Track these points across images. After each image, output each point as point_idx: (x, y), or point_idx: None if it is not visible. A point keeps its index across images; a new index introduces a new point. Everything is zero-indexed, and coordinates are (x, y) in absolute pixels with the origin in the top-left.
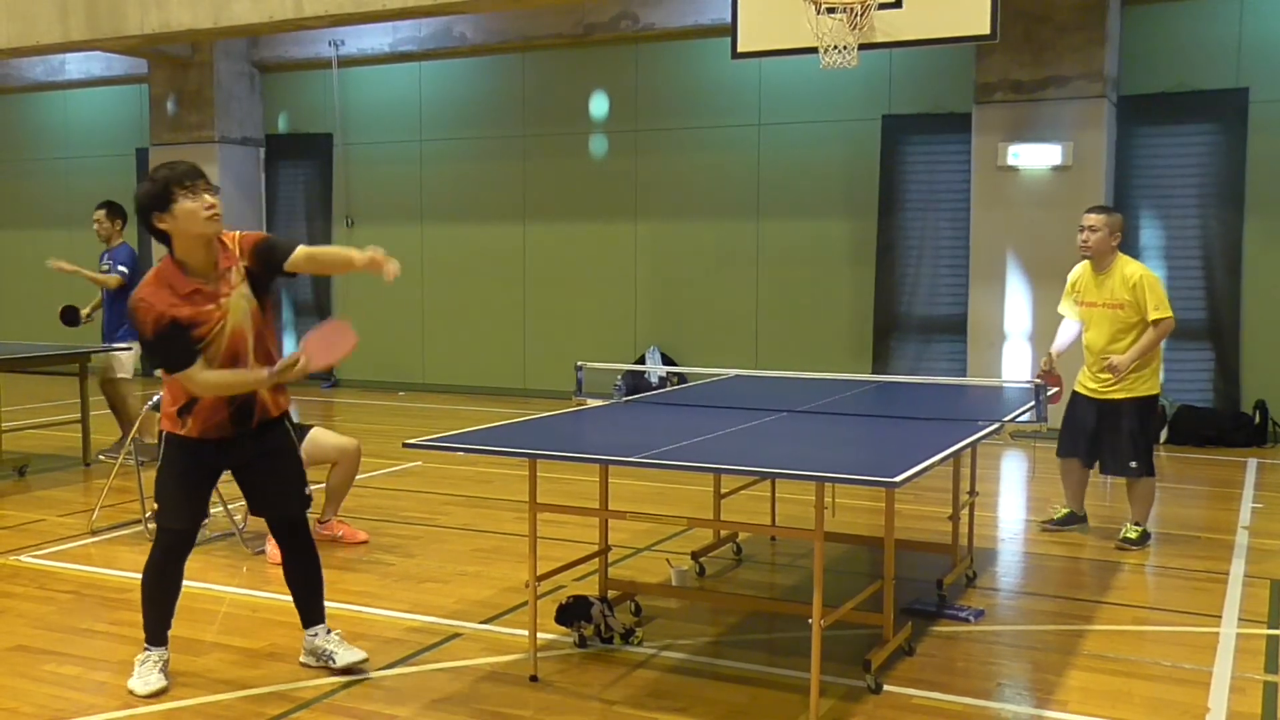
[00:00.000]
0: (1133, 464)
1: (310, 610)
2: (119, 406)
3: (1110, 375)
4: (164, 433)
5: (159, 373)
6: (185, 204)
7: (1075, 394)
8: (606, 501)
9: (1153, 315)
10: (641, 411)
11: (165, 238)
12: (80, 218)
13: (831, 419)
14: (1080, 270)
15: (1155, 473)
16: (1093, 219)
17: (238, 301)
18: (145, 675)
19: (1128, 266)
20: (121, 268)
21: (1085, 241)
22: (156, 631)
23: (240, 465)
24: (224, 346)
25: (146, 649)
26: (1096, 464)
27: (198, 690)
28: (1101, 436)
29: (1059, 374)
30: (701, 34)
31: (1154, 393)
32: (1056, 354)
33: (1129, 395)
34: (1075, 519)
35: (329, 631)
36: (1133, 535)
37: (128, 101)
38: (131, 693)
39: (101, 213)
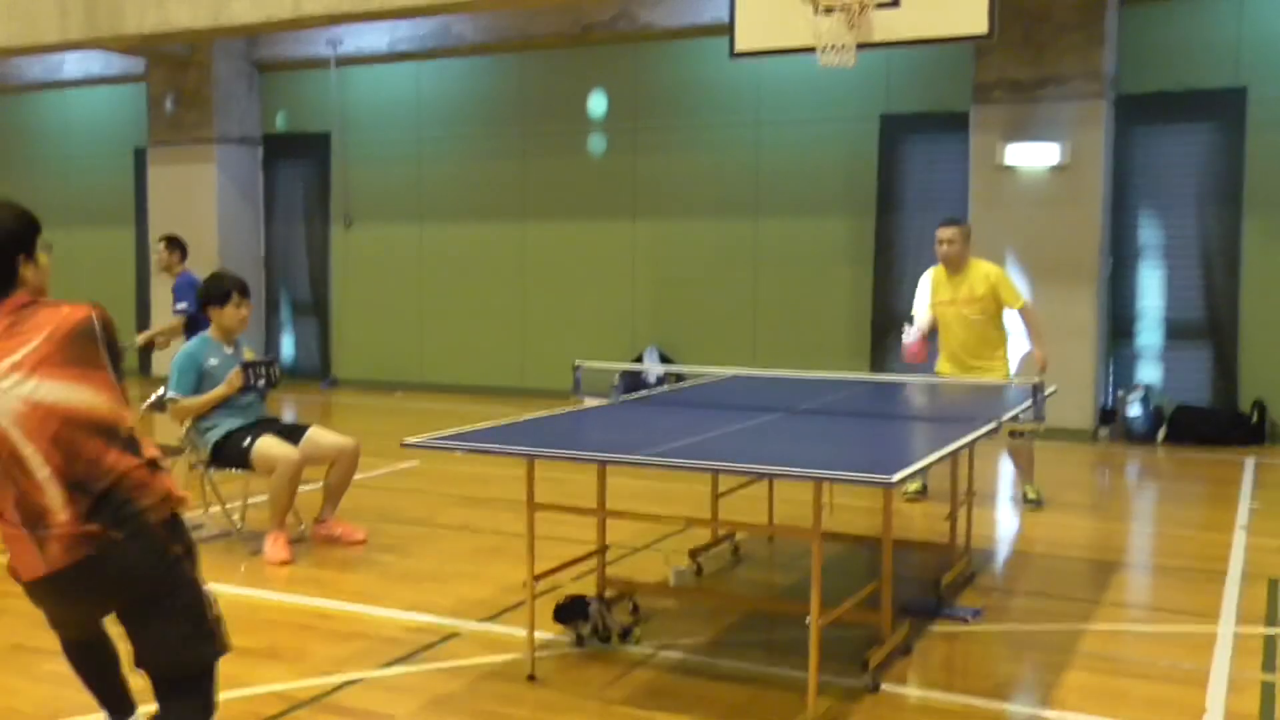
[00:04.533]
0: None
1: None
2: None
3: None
4: (181, 522)
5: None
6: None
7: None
8: (604, 501)
9: (1017, 304)
10: (639, 411)
11: (12, 284)
12: (79, 217)
13: (829, 418)
14: (934, 275)
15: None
16: (950, 233)
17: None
18: None
19: (983, 266)
20: (182, 304)
21: (946, 254)
22: None
23: None
24: None
25: None
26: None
27: None
28: None
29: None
30: (700, 33)
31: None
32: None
33: (992, 376)
34: (923, 492)
35: None
36: (1035, 495)
37: (126, 101)
38: None
39: (161, 245)
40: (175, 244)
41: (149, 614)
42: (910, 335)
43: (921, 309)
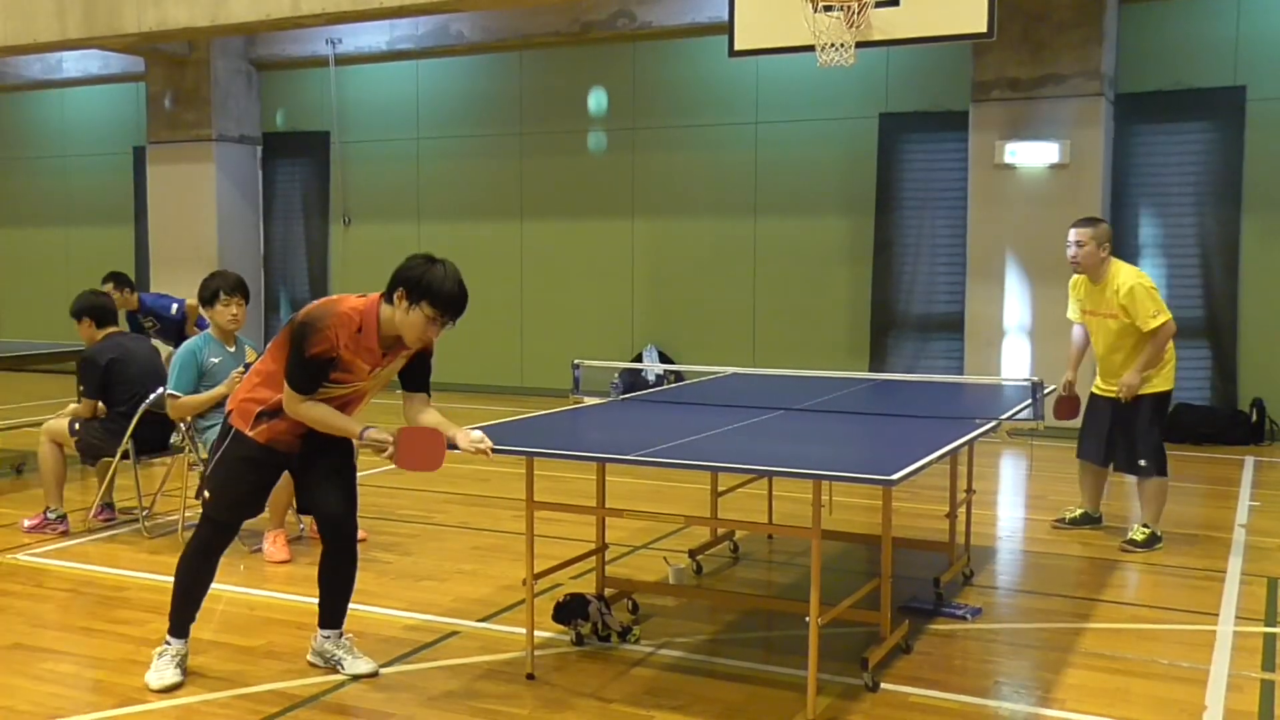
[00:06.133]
0: (1141, 462)
1: (331, 612)
2: None
3: (1128, 394)
4: (228, 427)
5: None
6: (422, 315)
7: (1092, 394)
8: (604, 500)
9: (1149, 325)
10: (638, 410)
11: (388, 295)
12: (78, 216)
13: (829, 417)
14: (1076, 280)
15: (1168, 473)
16: (1078, 234)
17: (384, 374)
18: (161, 670)
19: (1120, 275)
20: (175, 304)
21: (1074, 258)
22: (181, 623)
23: (298, 467)
24: (345, 398)
25: (167, 641)
26: (1099, 463)
27: (195, 689)
28: (1114, 434)
29: (1077, 395)
30: (699, 32)
31: (1166, 388)
32: (1075, 368)
33: (1142, 392)
34: (1089, 519)
35: (342, 637)
36: (1138, 537)
37: (125, 99)
38: (147, 686)
39: (109, 286)
40: (121, 280)
41: None
42: (1064, 394)
43: (1072, 321)
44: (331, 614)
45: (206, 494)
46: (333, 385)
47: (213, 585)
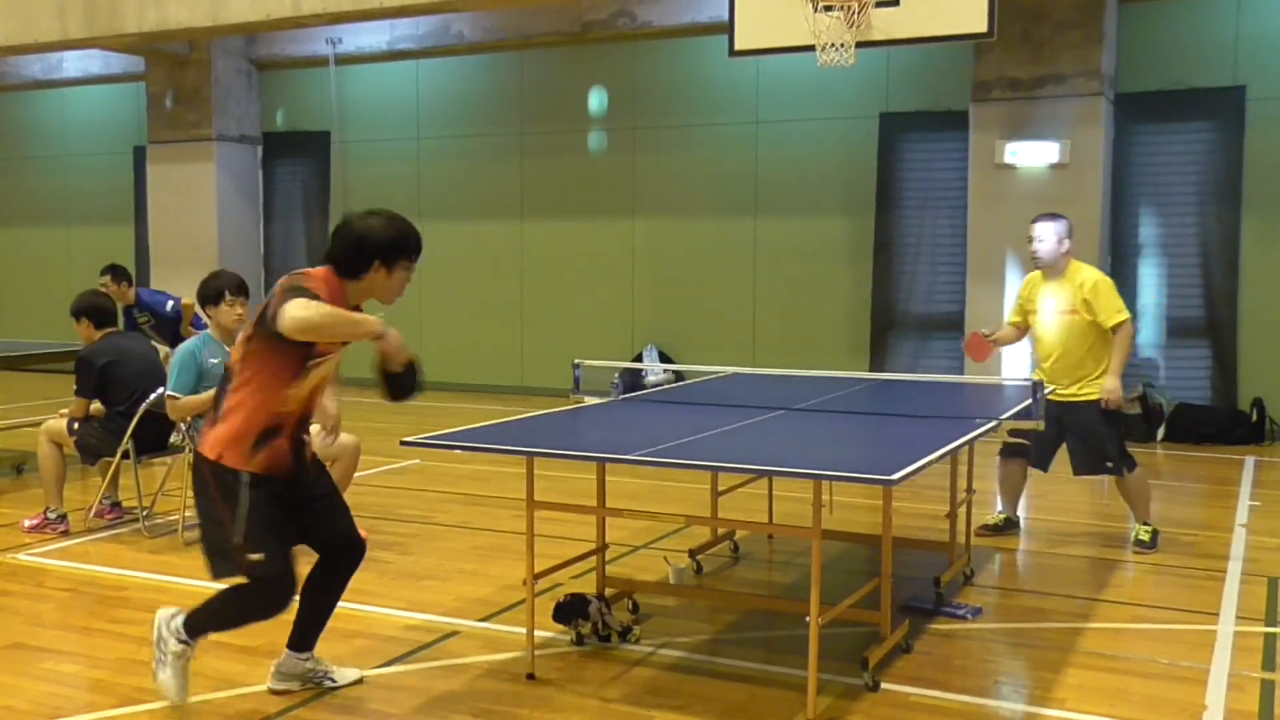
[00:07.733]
0: (1108, 463)
1: (312, 634)
2: None
3: (1116, 401)
4: (229, 471)
5: (230, 399)
6: (403, 272)
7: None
8: (604, 499)
9: (1112, 321)
10: (639, 409)
11: (353, 272)
12: (78, 216)
13: (829, 417)
14: (1030, 280)
15: (1136, 464)
16: (1040, 228)
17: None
18: (176, 676)
19: (1082, 271)
20: (170, 301)
21: (1035, 251)
22: (204, 631)
23: (299, 503)
24: (320, 380)
25: (188, 642)
26: (1039, 467)
27: (196, 688)
28: (1067, 440)
29: (991, 344)
30: (699, 32)
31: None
32: (997, 333)
33: (1090, 396)
34: (1012, 525)
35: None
36: (1145, 536)
37: (125, 99)
38: (161, 689)
39: (106, 279)
40: (119, 273)
41: None
42: (984, 335)
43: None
44: (312, 636)
45: (253, 558)
46: (316, 362)
47: (214, 585)
